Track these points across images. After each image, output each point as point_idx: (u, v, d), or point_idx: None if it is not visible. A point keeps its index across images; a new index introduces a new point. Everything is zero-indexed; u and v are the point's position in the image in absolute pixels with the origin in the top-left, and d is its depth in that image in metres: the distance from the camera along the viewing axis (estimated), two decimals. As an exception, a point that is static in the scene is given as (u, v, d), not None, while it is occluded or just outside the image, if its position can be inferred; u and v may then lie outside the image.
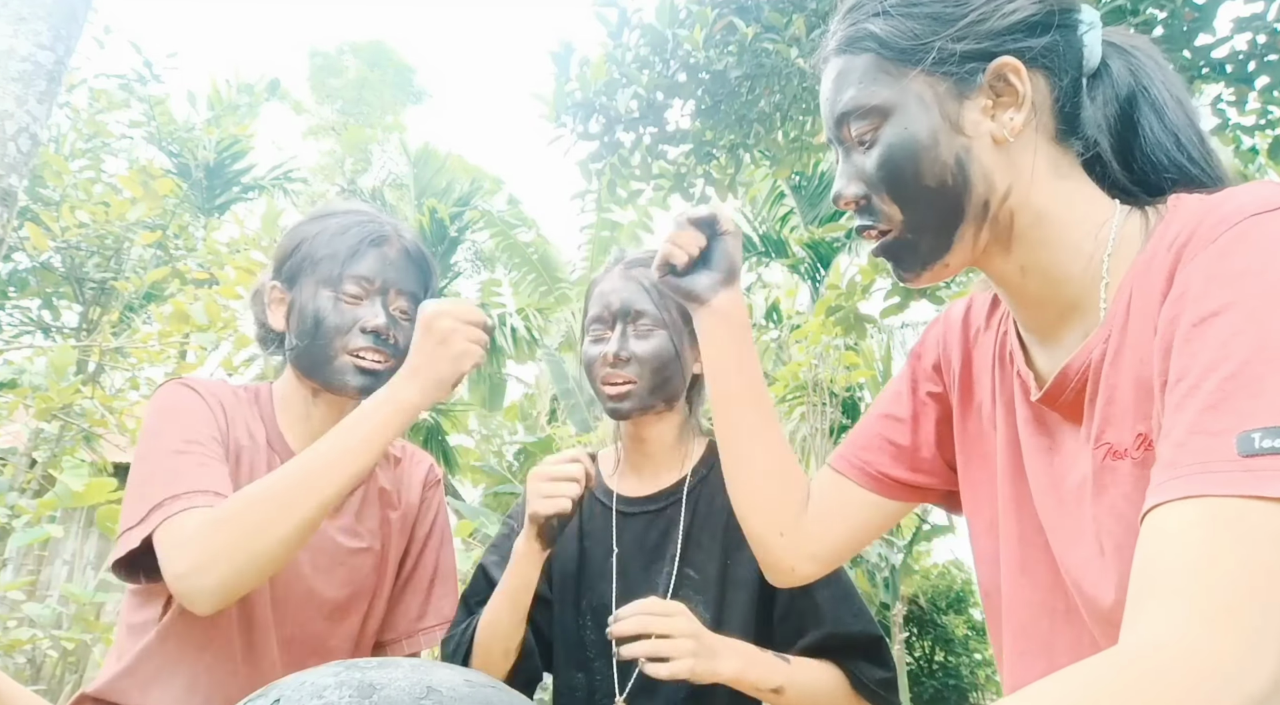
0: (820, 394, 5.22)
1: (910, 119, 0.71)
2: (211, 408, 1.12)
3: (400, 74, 19.10)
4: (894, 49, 0.71)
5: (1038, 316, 0.75)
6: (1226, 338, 0.53)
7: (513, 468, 9.85)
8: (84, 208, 3.64)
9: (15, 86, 2.10)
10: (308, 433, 1.19)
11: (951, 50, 0.70)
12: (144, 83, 5.00)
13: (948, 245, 0.73)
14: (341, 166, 15.21)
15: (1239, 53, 2.96)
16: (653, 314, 1.22)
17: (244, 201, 8.68)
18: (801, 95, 3.47)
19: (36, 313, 5.06)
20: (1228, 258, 0.56)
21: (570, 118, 3.48)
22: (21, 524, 2.64)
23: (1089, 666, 0.49)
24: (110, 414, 3.13)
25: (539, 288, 11.13)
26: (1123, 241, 0.69)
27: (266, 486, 0.98)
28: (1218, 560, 0.48)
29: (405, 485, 1.31)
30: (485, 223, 10.86)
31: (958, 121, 0.70)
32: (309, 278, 1.15)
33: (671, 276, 0.96)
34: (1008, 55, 0.69)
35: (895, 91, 0.71)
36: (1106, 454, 0.66)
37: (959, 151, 0.70)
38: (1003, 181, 0.71)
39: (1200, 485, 0.50)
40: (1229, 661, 0.45)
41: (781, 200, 8.95)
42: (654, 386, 1.21)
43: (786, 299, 8.09)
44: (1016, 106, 0.70)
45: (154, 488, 1.01)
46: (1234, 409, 0.51)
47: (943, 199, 0.71)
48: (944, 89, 0.70)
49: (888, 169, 0.71)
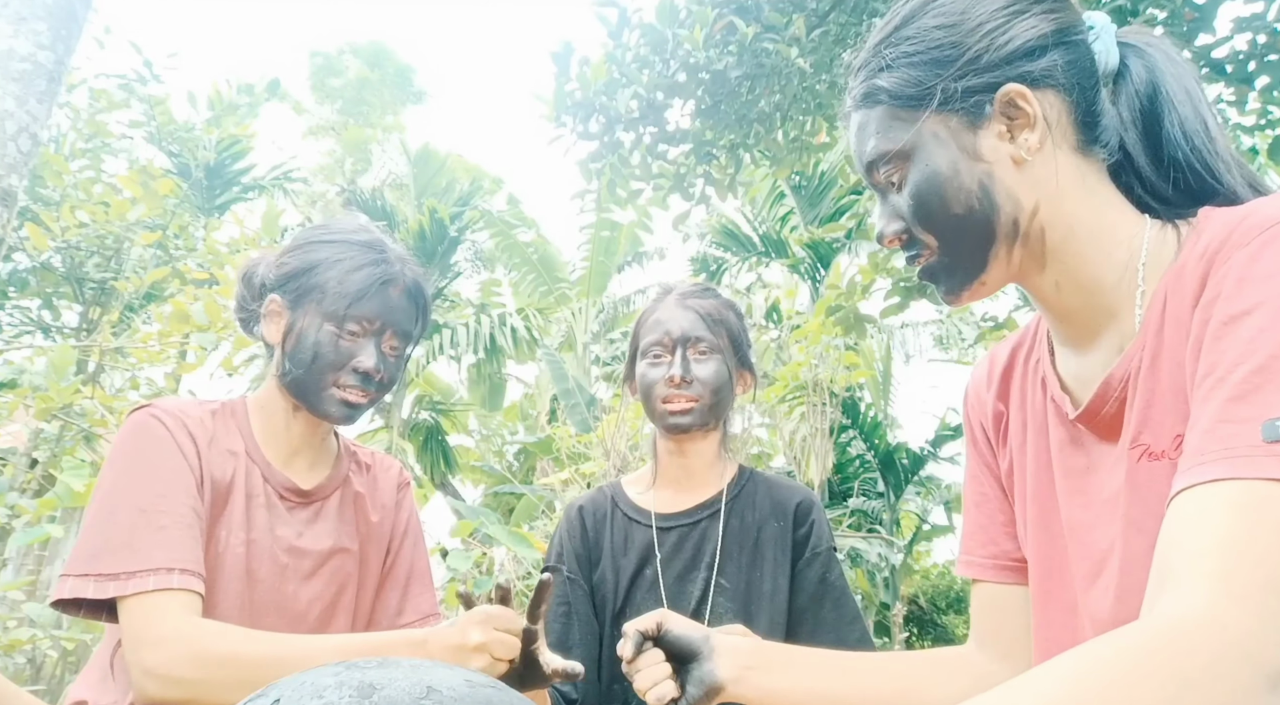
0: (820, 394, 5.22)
1: (930, 156, 0.75)
2: (181, 445, 1.14)
3: (400, 74, 19.10)
4: (902, 98, 0.76)
5: (1075, 328, 0.77)
6: (1254, 334, 0.55)
7: (513, 468, 9.85)
8: (84, 208, 3.64)
9: (15, 86, 2.10)
10: (287, 444, 1.24)
11: (955, 89, 0.74)
12: (144, 83, 5.00)
13: (983, 265, 0.76)
14: (341, 166, 15.21)
15: (1239, 53, 2.96)
16: (710, 341, 1.34)
17: (244, 201, 8.68)
18: (801, 95, 3.47)
19: (36, 313, 5.06)
20: (1258, 261, 0.58)
21: (570, 118, 3.48)
22: (21, 524, 2.64)
23: (1111, 639, 0.49)
24: (110, 414, 3.13)
25: (539, 288, 11.13)
26: (1155, 253, 0.71)
27: (265, 654, 1.01)
28: (1241, 540, 0.49)
29: (378, 489, 1.35)
30: (485, 223, 10.86)
31: (975, 150, 0.74)
32: (313, 307, 1.19)
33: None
34: (1010, 83, 0.73)
35: (911, 135, 0.76)
36: (1143, 455, 0.68)
37: (981, 177, 0.74)
38: (1029, 199, 0.74)
39: (1226, 469, 0.52)
40: (1249, 637, 0.46)
41: (781, 200, 8.95)
42: (713, 405, 1.33)
43: (786, 299, 8.08)
44: (1030, 127, 0.73)
45: (116, 547, 1.04)
46: (1260, 400, 0.53)
47: (972, 223, 0.74)
48: (956, 123, 0.74)
49: (918, 203, 0.76)
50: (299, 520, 1.23)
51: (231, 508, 1.18)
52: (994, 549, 0.92)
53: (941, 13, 0.76)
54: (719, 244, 9.42)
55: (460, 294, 11.18)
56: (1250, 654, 0.46)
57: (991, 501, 0.93)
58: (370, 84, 18.39)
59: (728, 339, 1.36)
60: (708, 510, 1.38)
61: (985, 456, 0.93)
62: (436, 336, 9.33)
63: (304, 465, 1.26)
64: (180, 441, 1.14)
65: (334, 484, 1.29)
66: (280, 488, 1.23)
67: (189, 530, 1.09)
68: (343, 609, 1.26)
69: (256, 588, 1.17)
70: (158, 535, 1.06)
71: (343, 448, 1.34)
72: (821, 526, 1.37)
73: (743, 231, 9.15)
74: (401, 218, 10.41)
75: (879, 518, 8.13)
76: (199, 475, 1.15)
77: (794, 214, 8.87)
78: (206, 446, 1.18)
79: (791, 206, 8.87)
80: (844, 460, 8.39)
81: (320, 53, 18.71)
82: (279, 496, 1.22)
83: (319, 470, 1.28)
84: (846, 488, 8.40)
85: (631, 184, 3.82)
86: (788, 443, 6.00)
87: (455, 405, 10.99)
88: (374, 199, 10.84)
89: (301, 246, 1.25)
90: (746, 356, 1.41)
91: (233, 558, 1.16)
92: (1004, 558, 0.91)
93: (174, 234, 4.52)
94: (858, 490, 8.32)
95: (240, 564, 1.16)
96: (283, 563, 1.19)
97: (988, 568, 0.92)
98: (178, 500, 1.10)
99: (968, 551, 0.94)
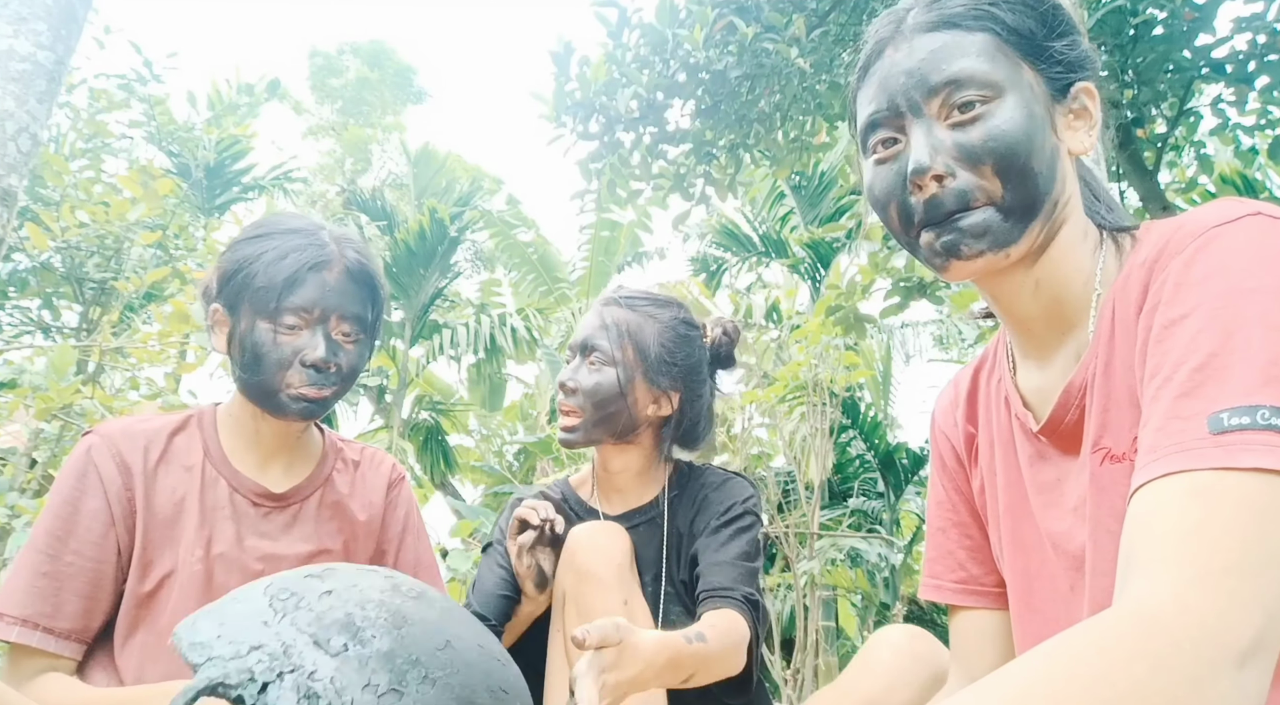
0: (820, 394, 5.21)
1: (1027, 102, 0.72)
2: (106, 483, 1.12)
3: (400, 74, 19.09)
4: (1016, 35, 0.73)
5: (1035, 339, 0.79)
6: (1194, 334, 0.58)
7: (513, 468, 9.84)
8: (84, 208, 3.63)
9: (15, 86, 2.10)
10: (258, 450, 1.21)
11: (1061, 56, 0.74)
12: (144, 83, 4.99)
13: (1021, 233, 0.73)
14: (341, 166, 15.20)
15: (1239, 53, 2.96)
16: (604, 350, 1.27)
17: (244, 201, 8.67)
18: (801, 95, 3.47)
19: (36, 313, 5.05)
20: (1192, 266, 0.62)
21: (570, 118, 3.48)
22: (21, 524, 2.63)
23: (1080, 629, 0.51)
24: (110, 414, 3.13)
25: (539, 288, 11.12)
26: (1106, 265, 0.75)
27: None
28: (1198, 528, 0.51)
29: (367, 487, 1.31)
30: (485, 223, 10.85)
31: (1054, 122, 0.74)
32: (247, 307, 1.13)
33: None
34: (1089, 81, 0.75)
35: (1011, 74, 0.72)
36: (1105, 458, 0.70)
37: (1053, 148, 0.73)
38: (1065, 193, 0.75)
39: (1178, 463, 0.54)
40: (1212, 618, 0.48)
41: (781, 200, 8.94)
42: (596, 421, 1.27)
43: (786, 299, 8.08)
44: (1089, 128, 0.75)
45: (21, 590, 1.07)
46: (1204, 395, 0.56)
47: (1038, 185, 0.71)
48: (1044, 89, 0.74)
49: (1001, 142, 0.70)
50: (275, 526, 1.20)
51: (183, 527, 1.15)
52: (962, 574, 0.93)
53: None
54: (719, 244, 9.41)
55: (460, 294, 11.17)
56: (1215, 634, 0.47)
57: (959, 527, 0.94)
58: (370, 84, 18.38)
59: (633, 351, 1.27)
60: (645, 515, 1.35)
61: (956, 481, 0.95)
62: (436, 336, 9.32)
63: (279, 469, 1.23)
64: (106, 478, 1.12)
65: (313, 485, 1.25)
66: (251, 494, 1.19)
67: (81, 586, 1.09)
68: None
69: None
70: (50, 594, 1.08)
71: (328, 446, 1.30)
72: (742, 507, 1.32)
73: (743, 231, 9.15)
74: (401, 218, 10.40)
75: (879, 518, 8.13)
76: (125, 508, 1.12)
77: (794, 214, 8.86)
78: (149, 472, 1.15)
79: (791, 206, 8.86)
80: (844, 460, 8.39)
81: (320, 52, 18.70)
82: (250, 504, 1.19)
83: (297, 472, 1.25)
84: (846, 488, 8.39)
85: (631, 184, 3.82)
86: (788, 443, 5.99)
87: (455, 405, 10.97)
88: (374, 199, 10.83)
89: (231, 247, 1.19)
90: (667, 374, 1.30)
91: (189, 575, 1.13)
92: (973, 582, 0.92)
93: (174, 234, 4.52)
94: (858, 490, 8.32)
95: (197, 582, 1.13)
96: (256, 571, 1.16)
97: (957, 592, 0.93)
98: (79, 554, 1.09)
99: (935, 576, 0.95)
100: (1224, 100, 3.17)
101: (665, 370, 1.30)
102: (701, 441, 1.40)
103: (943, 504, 0.95)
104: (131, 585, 1.12)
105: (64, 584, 1.08)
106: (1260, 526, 0.50)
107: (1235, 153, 3.48)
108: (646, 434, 1.34)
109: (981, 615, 0.91)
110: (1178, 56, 2.93)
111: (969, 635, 0.92)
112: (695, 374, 1.35)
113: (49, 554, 1.08)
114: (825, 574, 6.66)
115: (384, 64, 18.87)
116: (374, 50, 18.95)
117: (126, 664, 1.11)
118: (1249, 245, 0.60)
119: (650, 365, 1.29)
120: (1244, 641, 0.47)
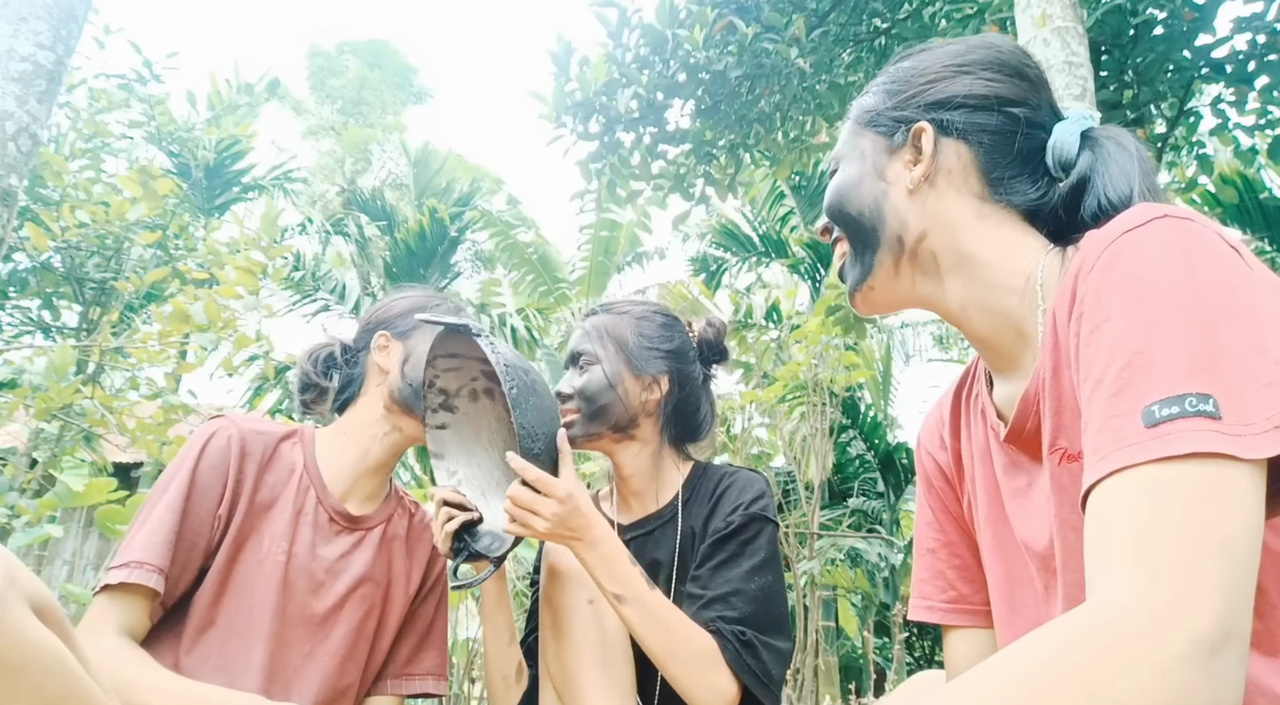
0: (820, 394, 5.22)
1: (850, 165, 0.90)
2: (227, 461, 1.25)
3: (400, 74, 19.10)
4: (859, 117, 0.91)
5: (997, 354, 0.84)
6: (1116, 336, 0.61)
7: (513, 468, 9.84)
8: (84, 208, 3.63)
9: (15, 86, 2.10)
10: (351, 474, 1.36)
11: (890, 115, 0.88)
12: (144, 83, 4.99)
13: (870, 268, 0.87)
14: (341, 166, 15.21)
15: (1239, 53, 2.96)
16: (589, 353, 1.38)
17: (244, 201, 8.67)
18: (801, 95, 3.47)
19: (36, 313, 5.06)
20: (1109, 271, 0.65)
21: (570, 118, 3.48)
22: (21, 524, 2.63)
23: (1048, 627, 0.53)
24: (110, 414, 3.13)
25: (539, 288, 11.12)
26: (1052, 275, 0.79)
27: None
28: (1147, 522, 0.53)
29: (418, 537, 1.44)
30: (485, 223, 10.85)
31: (882, 171, 0.87)
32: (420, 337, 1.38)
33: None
34: (923, 122, 0.85)
35: (850, 146, 0.91)
36: (1062, 458, 0.73)
37: (877, 194, 0.87)
38: (916, 223, 0.84)
39: (1120, 459, 0.56)
40: (1175, 609, 0.49)
41: (781, 200, 8.94)
42: (592, 414, 1.34)
43: (786, 299, 8.08)
44: (920, 162, 0.84)
45: (159, 543, 1.16)
46: (1134, 391, 0.58)
47: (861, 226, 0.87)
48: (879, 145, 0.88)
49: (829, 198, 0.91)
50: (343, 544, 1.33)
51: (275, 520, 1.28)
52: (953, 593, 0.95)
53: (916, 59, 0.90)
54: (719, 244, 9.41)
55: (460, 294, 11.17)
56: (1179, 624, 0.48)
57: (948, 547, 0.96)
58: (370, 84, 18.39)
59: (613, 346, 1.38)
60: (656, 522, 1.37)
61: (944, 500, 0.97)
62: (436, 336, 9.31)
63: (360, 496, 1.37)
64: (229, 453, 1.26)
65: (380, 517, 1.39)
66: (332, 510, 1.33)
67: (179, 551, 1.18)
68: (364, 637, 1.32)
69: (290, 598, 1.25)
70: (171, 537, 1.17)
71: (394, 490, 1.45)
72: (751, 509, 1.31)
73: (743, 231, 9.15)
74: (401, 218, 10.41)
75: (879, 518, 8.13)
76: (235, 488, 1.25)
77: (794, 214, 8.86)
78: (262, 463, 1.29)
79: (791, 206, 8.86)
80: (844, 460, 8.39)
81: (320, 52, 18.70)
82: (329, 519, 1.32)
83: (371, 503, 1.39)
84: (846, 488, 8.40)
85: (631, 184, 3.82)
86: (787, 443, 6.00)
87: (455, 405, 10.96)
88: (374, 199, 10.83)
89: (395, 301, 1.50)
90: (651, 359, 1.38)
91: (273, 565, 1.25)
92: (963, 602, 0.94)
93: (174, 234, 4.52)
94: (858, 490, 8.32)
95: (279, 572, 1.25)
96: (319, 579, 1.28)
97: (949, 612, 0.95)
98: (187, 515, 1.20)
99: (926, 597, 0.97)
100: (1224, 100, 3.17)
101: (648, 356, 1.38)
102: (704, 430, 1.44)
103: (931, 524, 0.98)
104: (219, 564, 1.22)
105: (179, 550, 1.18)
106: (1204, 512, 0.52)
107: (1235, 153, 3.48)
108: (647, 425, 1.39)
109: (974, 635, 0.93)
110: (1178, 56, 2.93)
111: (965, 656, 0.94)
112: (681, 357, 1.41)
113: (179, 515, 1.18)
114: (825, 574, 6.66)
115: (384, 64, 18.87)
116: (374, 50, 18.95)
117: (203, 646, 1.20)
118: (1159, 246, 0.63)
119: (633, 354, 1.38)
120: (1208, 630, 0.48)
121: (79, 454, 3.93)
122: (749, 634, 1.18)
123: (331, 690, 1.26)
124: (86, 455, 4.19)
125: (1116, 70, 2.98)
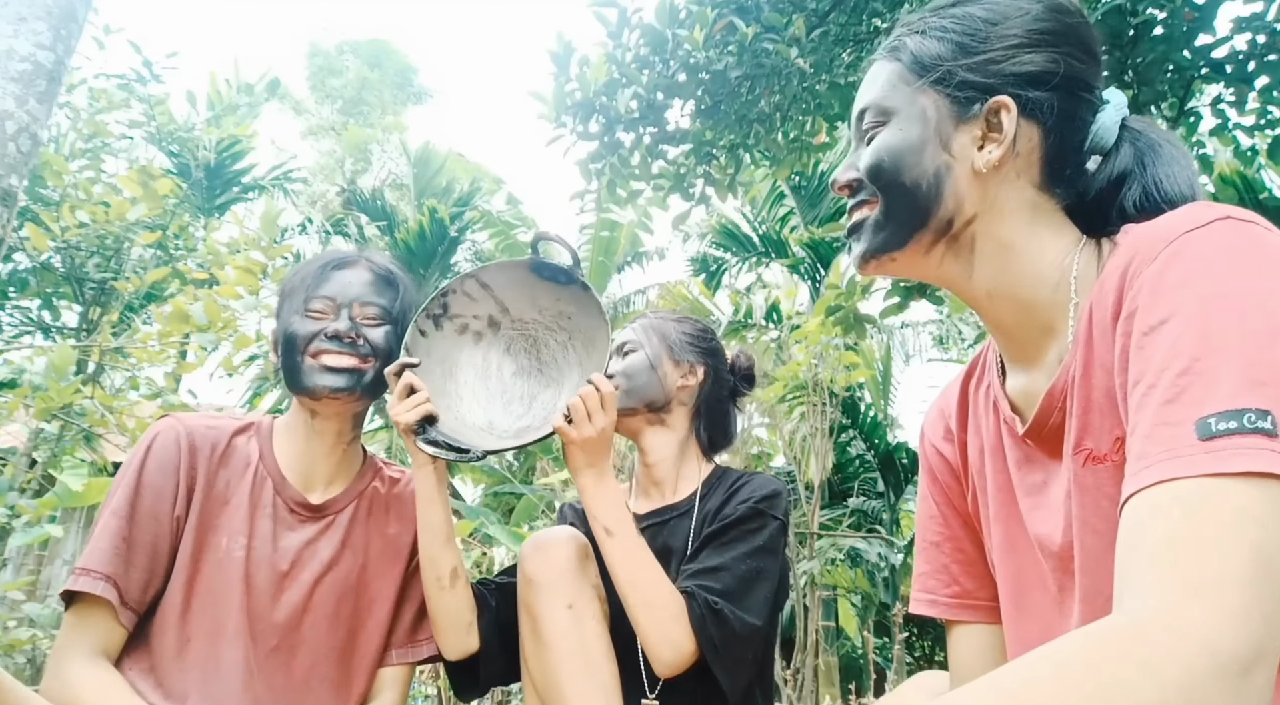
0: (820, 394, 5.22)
1: (908, 124, 0.79)
2: (176, 459, 1.23)
3: (400, 74, 19.10)
4: (917, 63, 0.80)
5: (1018, 344, 0.80)
6: (1174, 340, 0.58)
7: (512, 467, 9.84)
8: (84, 208, 3.63)
9: (15, 86, 2.10)
10: (306, 462, 1.32)
11: (962, 77, 0.78)
12: (144, 83, 4.99)
13: (903, 242, 0.80)
14: (341, 166, 15.20)
15: (1239, 53, 2.96)
16: (633, 340, 1.51)
17: (244, 201, 8.68)
18: (801, 95, 3.47)
19: (36, 313, 5.06)
20: (1166, 273, 0.62)
21: (570, 118, 3.48)
22: (21, 524, 2.63)
23: (1076, 634, 0.52)
24: (110, 414, 3.13)
25: (539, 288, 11.10)
26: (1086, 269, 0.75)
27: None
28: (1190, 536, 0.51)
29: (403, 503, 1.41)
30: (485, 223, 10.85)
31: (948, 141, 0.78)
32: (285, 307, 1.30)
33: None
34: (1005, 95, 0.76)
35: (905, 99, 0.80)
36: (1086, 459, 0.71)
37: (940, 168, 0.78)
38: (971, 207, 0.78)
39: (1168, 470, 0.54)
40: (1205, 628, 0.48)
41: (781, 200, 8.94)
42: (629, 389, 1.44)
43: (786, 299, 8.08)
44: (999, 143, 0.76)
45: (105, 549, 1.15)
46: (1190, 400, 0.56)
47: (915, 199, 0.78)
48: (945, 109, 0.78)
49: (876, 159, 0.80)
50: (308, 531, 1.30)
51: (232, 516, 1.25)
52: (957, 588, 0.93)
53: (989, 7, 0.79)
54: (719, 244, 9.41)
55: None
56: (1207, 644, 0.47)
57: (952, 540, 0.94)
58: (370, 84, 18.39)
59: (657, 337, 1.50)
60: (673, 512, 1.43)
61: (948, 493, 0.94)
62: (436, 336, 9.32)
63: (321, 482, 1.34)
64: (178, 450, 1.24)
65: (348, 498, 1.35)
66: (291, 501, 1.30)
67: (136, 554, 1.18)
68: (342, 619, 1.30)
69: (255, 594, 1.23)
70: (119, 545, 1.16)
71: (368, 464, 1.41)
72: (760, 504, 1.35)
73: (743, 231, 9.14)
74: (401, 218, 10.40)
75: (879, 518, 8.13)
76: (188, 484, 1.24)
77: (794, 214, 8.85)
78: (213, 458, 1.27)
79: (791, 206, 8.86)
80: (844, 460, 8.39)
81: (320, 52, 18.70)
82: (289, 509, 1.29)
83: (336, 486, 1.35)
84: (846, 488, 8.40)
85: (631, 184, 3.82)
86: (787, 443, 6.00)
87: (455, 405, 10.96)
88: (374, 199, 10.83)
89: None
90: (690, 351, 1.51)
91: (233, 563, 1.23)
92: (968, 597, 0.92)
93: (174, 234, 4.51)
94: (858, 490, 8.32)
95: (240, 569, 1.23)
96: (282, 570, 1.26)
97: (953, 607, 0.92)
98: (141, 517, 1.19)
99: (929, 591, 0.95)
100: (1224, 100, 3.16)
101: (688, 348, 1.50)
102: (730, 437, 1.54)
103: (934, 517, 0.95)
104: (182, 564, 1.21)
105: (134, 554, 1.17)
106: (1255, 532, 0.50)
107: (1235, 153, 3.48)
108: (679, 413, 1.48)
109: (978, 630, 0.91)
110: (1178, 56, 2.93)
111: (968, 652, 0.92)
112: (717, 357, 1.53)
113: (126, 519, 1.17)
114: (825, 574, 6.66)
115: (384, 64, 18.87)
116: (374, 50, 18.95)
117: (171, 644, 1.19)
118: (1222, 249, 0.61)
119: (673, 344, 1.50)
120: (1242, 650, 0.47)
121: (79, 454, 3.93)
122: (720, 604, 1.21)
123: (326, 678, 1.25)
124: (86, 455, 4.19)
125: (1116, 70, 2.98)
